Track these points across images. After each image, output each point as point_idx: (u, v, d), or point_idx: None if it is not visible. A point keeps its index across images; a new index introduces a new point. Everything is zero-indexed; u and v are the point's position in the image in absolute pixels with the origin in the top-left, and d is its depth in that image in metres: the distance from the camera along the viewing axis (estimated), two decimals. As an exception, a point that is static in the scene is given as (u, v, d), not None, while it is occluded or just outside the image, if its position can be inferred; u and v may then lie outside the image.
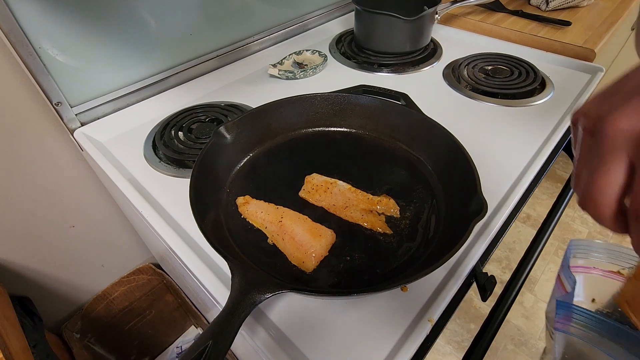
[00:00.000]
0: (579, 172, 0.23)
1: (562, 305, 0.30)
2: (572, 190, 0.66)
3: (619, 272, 0.36)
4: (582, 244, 0.36)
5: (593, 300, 0.37)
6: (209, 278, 0.44)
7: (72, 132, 0.66)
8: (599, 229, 1.61)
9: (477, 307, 1.36)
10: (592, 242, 0.36)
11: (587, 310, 0.29)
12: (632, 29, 1.42)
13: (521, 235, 1.59)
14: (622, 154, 0.20)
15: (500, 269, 1.49)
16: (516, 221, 1.82)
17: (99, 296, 0.94)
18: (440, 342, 1.30)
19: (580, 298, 0.37)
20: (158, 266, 1.02)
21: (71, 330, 0.90)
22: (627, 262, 0.35)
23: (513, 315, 1.32)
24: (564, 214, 1.90)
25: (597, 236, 1.59)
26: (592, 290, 0.38)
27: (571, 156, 0.76)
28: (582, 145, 0.23)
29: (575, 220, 1.66)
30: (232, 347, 0.87)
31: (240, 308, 0.33)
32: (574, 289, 0.32)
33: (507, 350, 1.25)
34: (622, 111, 0.20)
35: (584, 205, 0.23)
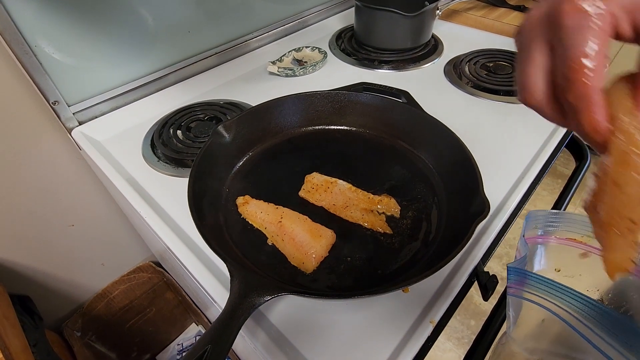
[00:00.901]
0: (516, 76, 0.25)
1: (513, 271, 0.30)
2: (574, 188, 0.66)
3: (575, 240, 0.36)
4: (539, 215, 0.37)
5: (557, 269, 0.37)
6: (207, 278, 0.44)
7: (69, 131, 0.66)
8: (600, 225, 1.61)
9: (478, 303, 1.36)
10: (549, 212, 0.37)
11: (539, 275, 0.29)
12: (635, 24, 1.41)
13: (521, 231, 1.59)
14: (539, 39, 0.22)
15: (501, 266, 1.49)
16: (517, 218, 1.81)
17: (100, 294, 0.94)
18: (440, 338, 1.29)
19: (543, 267, 0.37)
20: (158, 264, 1.02)
21: (72, 328, 0.90)
22: (583, 230, 0.35)
23: (513, 312, 1.32)
24: (566, 211, 1.87)
25: (598, 232, 1.58)
26: (554, 260, 0.38)
27: (573, 153, 0.76)
28: (517, 54, 0.25)
29: (576, 217, 1.65)
30: (233, 347, 0.87)
31: (239, 311, 0.32)
32: (526, 254, 0.32)
33: (508, 346, 1.25)
34: (535, 7, 0.23)
35: (523, 98, 0.24)
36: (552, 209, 0.63)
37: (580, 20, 0.20)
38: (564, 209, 0.65)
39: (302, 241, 0.43)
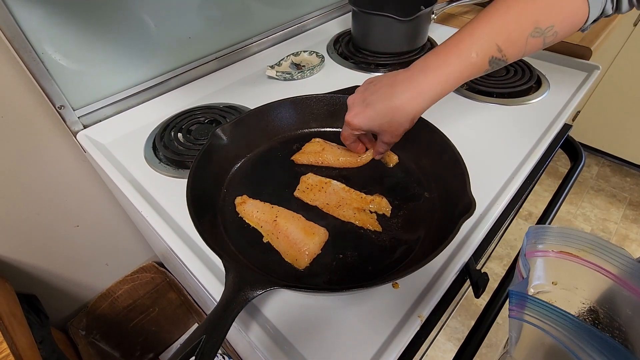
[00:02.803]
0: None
1: (514, 295, 0.32)
2: (569, 186, 0.67)
3: (572, 254, 0.38)
4: (539, 231, 0.39)
5: (554, 282, 0.39)
6: (207, 276, 0.45)
7: (75, 134, 0.68)
8: (601, 227, 1.61)
9: (479, 304, 1.37)
10: (548, 228, 0.39)
11: (539, 299, 0.31)
12: (635, 25, 1.41)
13: (522, 232, 1.59)
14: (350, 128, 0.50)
15: (501, 267, 1.50)
16: (518, 218, 1.81)
17: (104, 294, 0.96)
18: (441, 338, 1.31)
19: (542, 281, 0.39)
20: (161, 264, 1.04)
21: (77, 327, 0.92)
22: (580, 244, 0.37)
23: (514, 313, 1.33)
24: (566, 211, 1.87)
25: (599, 233, 1.58)
26: (552, 273, 0.40)
27: (569, 154, 0.77)
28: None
29: (578, 218, 1.66)
30: (233, 344, 0.89)
31: (233, 304, 0.34)
32: (528, 275, 0.34)
33: (508, 347, 1.25)
34: (352, 113, 0.49)
35: (343, 139, 0.54)
36: (548, 207, 0.64)
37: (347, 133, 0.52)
38: (559, 207, 0.66)
39: (296, 239, 0.44)
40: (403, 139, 0.58)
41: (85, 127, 0.69)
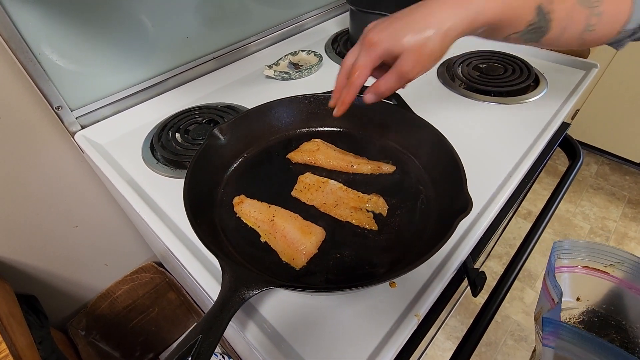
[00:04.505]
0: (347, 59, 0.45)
1: (548, 322, 0.31)
2: (567, 185, 0.67)
3: (599, 269, 0.37)
4: (565, 245, 0.38)
5: (578, 298, 0.38)
6: (205, 276, 0.45)
7: (72, 135, 0.68)
8: (600, 225, 1.61)
9: (478, 303, 1.37)
10: (575, 242, 0.38)
11: (574, 327, 0.30)
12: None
13: (522, 231, 1.59)
14: (368, 48, 0.41)
15: (501, 265, 1.50)
16: (517, 217, 1.81)
17: (103, 294, 0.96)
18: (440, 337, 1.31)
19: (567, 298, 0.38)
20: (160, 265, 1.04)
21: (76, 327, 0.92)
22: (609, 259, 0.36)
23: (513, 311, 1.33)
24: (565, 210, 1.86)
25: (598, 232, 1.58)
26: (577, 289, 0.39)
27: (567, 152, 0.77)
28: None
29: (577, 216, 1.65)
30: (233, 344, 0.89)
31: (229, 304, 0.34)
32: (560, 300, 0.33)
33: (507, 345, 1.26)
34: (374, 30, 0.40)
35: (354, 74, 0.43)
36: (546, 205, 0.64)
37: (362, 62, 0.41)
38: (557, 205, 0.66)
39: (293, 238, 0.44)
40: (400, 136, 0.58)
41: (82, 127, 0.69)
